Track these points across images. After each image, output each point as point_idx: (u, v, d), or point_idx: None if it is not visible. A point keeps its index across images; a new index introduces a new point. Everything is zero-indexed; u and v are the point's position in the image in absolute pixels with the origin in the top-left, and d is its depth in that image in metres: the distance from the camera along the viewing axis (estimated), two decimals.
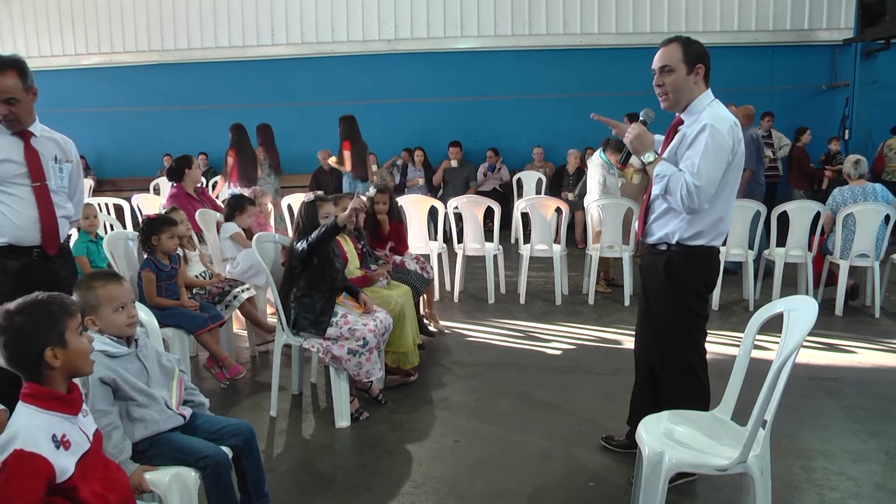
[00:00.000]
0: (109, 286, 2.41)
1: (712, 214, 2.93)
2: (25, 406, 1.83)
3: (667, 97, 2.97)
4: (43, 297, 1.89)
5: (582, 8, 11.16)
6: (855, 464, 3.35)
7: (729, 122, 2.86)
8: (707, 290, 3.13)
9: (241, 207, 5.40)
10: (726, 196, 2.95)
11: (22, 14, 12.64)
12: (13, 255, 3.12)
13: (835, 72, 10.88)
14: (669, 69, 2.92)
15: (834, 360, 4.89)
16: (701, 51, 2.93)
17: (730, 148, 2.84)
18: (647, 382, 3.29)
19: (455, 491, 3.15)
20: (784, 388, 2.29)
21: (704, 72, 2.93)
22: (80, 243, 4.87)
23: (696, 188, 2.79)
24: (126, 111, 12.22)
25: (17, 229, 3.10)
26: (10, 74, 2.99)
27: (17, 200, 3.09)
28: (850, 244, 6.01)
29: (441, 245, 6.97)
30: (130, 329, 2.44)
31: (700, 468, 2.44)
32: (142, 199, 8.06)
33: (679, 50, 2.90)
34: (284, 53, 11.90)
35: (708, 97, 2.96)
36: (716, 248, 3.02)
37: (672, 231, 3.00)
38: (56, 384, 1.88)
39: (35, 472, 1.74)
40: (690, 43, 2.92)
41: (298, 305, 3.87)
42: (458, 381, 4.55)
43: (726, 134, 2.82)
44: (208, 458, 2.38)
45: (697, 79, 2.93)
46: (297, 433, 3.85)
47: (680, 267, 3.01)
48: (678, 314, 3.06)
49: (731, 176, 2.93)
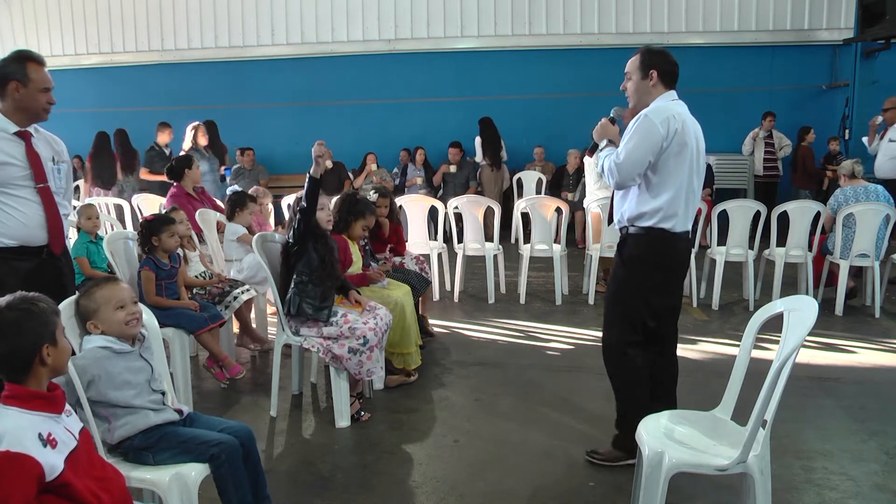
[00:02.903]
0: (106, 287, 2.45)
1: (655, 198, 3.17)
2: (8, 408, 1.83)
3: (630, 99, 3.34)
4: (34, 296, 1.90)
5: (582, 8, 11.16)
6: (855, 464, 3.35)
7: (665, 114, 3.12)
8: (666, 274, 3.28)
9: (242, 204, 5.34)
10: (672, 183, 3.15)
11: (22, 14, 12.64)
12: (23, 257, 3.14)
13: (835, 72, 10.88)
14: (628, 76, 3.31)
15: (834, 360, 4.89)
16: (656, 59, 3.24)
17: (661, 135, 3.09)
18: None
19: (455, 491, 3.15)
20: (784, 387, 2.30)
21: (659, 75, 3.22)
22: (80, 244, 4.87)
23: (616, 165, 3.15)
24: (126, 111, 12.20)
25: (26, 230, 3.12)
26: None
27: (24, 202, 3.11)
28: (851, 244, 6.02)
29: (441, 245, 6.97)
30: (132, 328, 2.45)
31: (700, 468, 2.44)
32: (142, 199, 8.05)
33: (638, 59, 3.27)
34: (284, 53, 11.88)
35: (668, 97, 3.23)
36: (670, 232, 3.19)
37: (623, 213, 3.31)
38: (41, 383, 1.89)
39: (24, 472, 1.74)
40: (648, 52, 3.27)
41: (300, 292, 3.84)
42: (458, 381, 4.55)
43: (658, 123, 3.09)
44: (221, 446, 2.38)
45: (653, 82, 3.23)
46: (298, 433, 3.85)
47: (632, 247, 3.29)
48: (621, 291, 3.33)
49: (672, 164, 3.14)
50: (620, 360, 3.34)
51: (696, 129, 3.23)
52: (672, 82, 3.27)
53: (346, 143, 11.03)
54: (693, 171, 3.23)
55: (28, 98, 3.06)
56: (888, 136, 7.44)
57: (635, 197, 3.23)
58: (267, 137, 11.72)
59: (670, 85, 3.26)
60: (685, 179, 3.19)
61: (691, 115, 3.22)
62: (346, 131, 11.53)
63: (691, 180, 3.23)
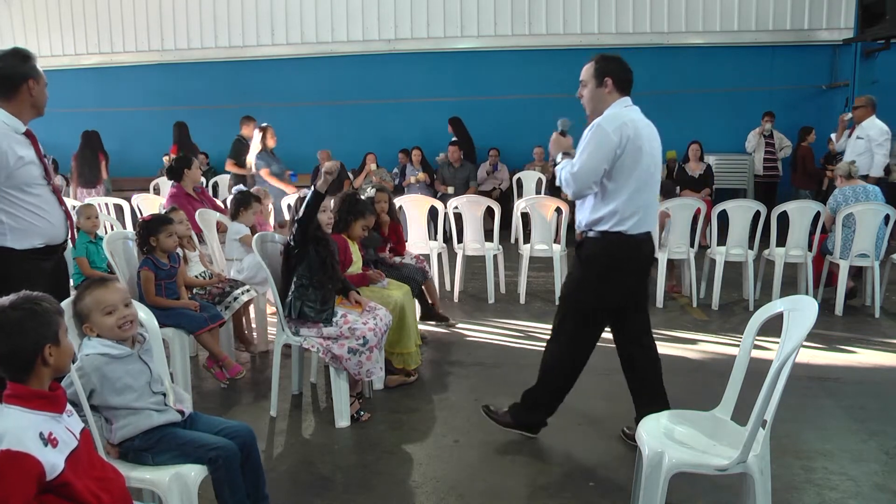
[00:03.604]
0: (96, 291, 2.41)
1: (611, 203, 3.26)
2: (9, 407, 1.83)
3: (585, 106, 3.43)
4: (37, 295, 1.90)
5: (582, 8, 11.16)
6: (855, 464, 3.35)
7: (618, 122, 3.20)
8: (622, 274, 3.39)
9: (246, 204, 5.32)
10: (628, 187, 3.24)
11: (22, 14, 12.63)
12: (48, 255, 3.18)
13: (835, 72, 10.88)
14: (584, 83, 3.40)
15: (834, 360, 4.89)
16: (611, 66, 3.32)
17: (614, 143, 3.17)
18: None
19: (455, 491, 3.15)
20: (784, 387, 2.30)
21: (614, 82, 3.30)
22: (80, 244, 4.86)
23: (572, 175, 3.24)
24: (126, 111, 12.21)
25: (53, 229, 3.18)
26: None
27: (45, 201, 3.15)
28: (850, 244, 6.01)
29: (441, 245, 6.97)
30: (125, 331, 2.42)
31: (700, 468, 2.44)
32: (142, 199, 8.05)
33: (592, 67, 3.36)
34: (284, 53, 11.88)
35: (622, 103, 3.32)
36: (626, 234, 3.28)
37: (582, 218, 3.42)
38: (43, 383, 1.88)
39: (24, 471, 1.74)
40: (603, 60, 3.35)
41: (301, 295, 3.83)
42: (458, 381, 4.55)
43: (611, 131, 3.17)
44: (219, 450, 2.38)
45: (608, 90, 3.31)
46: (297, 433, 3.85)
47: (589, 247, 3.41)
48: (574, 289, 3.47)
49: (627, 170, 3.22)
50: (562, 351, 3.53)
51: (650, 133, 3.33)
52: (627, 89, 3.36)
53: (346, 143, 11.05)
54: (649, 174, 3.31)
55: (40, 94, 3.13)
56: (856, 133, 7.47)
57: (591, 203, 3.34)
58: None
59: (625, 91, 3.35)
60: (641, 183, 3.27)
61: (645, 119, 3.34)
62: (346, 131, 11.55)
63: (647, 183, 3.31)
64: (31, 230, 3.10)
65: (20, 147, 3.05)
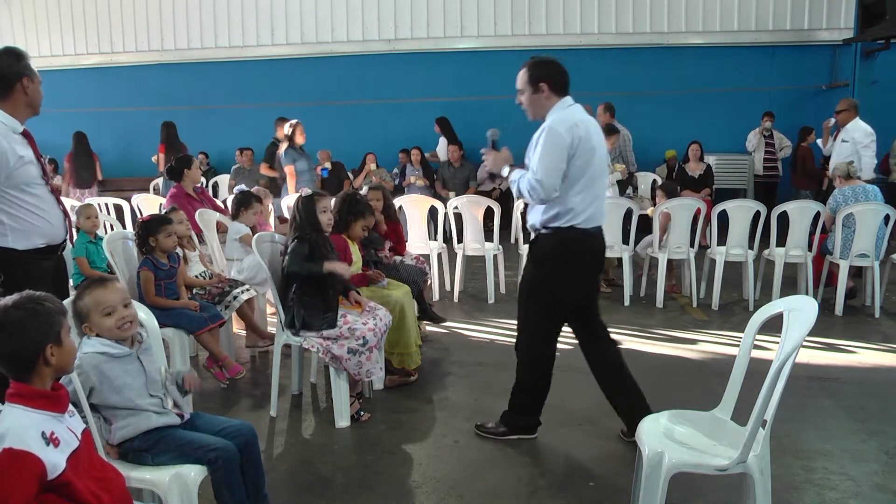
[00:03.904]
0: (95, 292, 2.41)
1: (565, 201, 3.32)
2: (13, 406, 1.83)
3: (527, 112, 3.50)
4: (40, 295, 1.90)
5: (582, 8, 11.15)
6: (855, 464, 3.35)
7: (569, 122, 3.27)
8: (576, 270, 3.45)
9: (247, 203, 5.31)
10: (581, 184, 3.32)
11: (22, 14, 12.63)
12: (48, 255, 3.19)
13: (835, 72, 10.88)
14: (520, 91, 3.45)
15: (834, 360, 4.89)
16: (544, 71, 3.37)
17: (567, 143, 3.24)
18: None
19: (455, 491, 3.15)
20: (784, 387, 2.30)
21: (550, 86, 3.35)
22: (80, 244, 4.86)
23: (538, 182, 3.25)
24: (126, 111, 12.21)
25: (53, 229, 3.18)
26: None
27: (44, 201, 3.16)
28: (850, 244, 6.01)
29: (441, 245, 6.97)
30: (124, 331, 2.42)
31: (700, 468, 2.44)
32: (142, 199, 8.05)
33: (525, 74, 3.40)
34: (284, 53, 11.88)
35: (563, 104, 3.39)
36: (580, 228, 3.36)
37: (536, 218, 3.45)
38: (45, 382, 1.89)
39: (26, 470, 1.74)
40: (535, 65, 3.39)
41: (303, 306, 3.81)
42: (458, 381, 4.55)
43: (563, 132, 3.24)
44: (218, 451, 2.39)
45: (546, 94, 3.37)
46: (297, 433, 3.85)
47: (542, 244, 3.47)
48: (532, 288, 3.52)
49: (578, 167, 3.30)
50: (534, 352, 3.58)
51: (597, 130, 3.43)
52: (565, 90, 3.41)
53: (346, 143, 11.04)
54: (601, 170, 3.46)
55: (35, 92, 3.13)
56: (840, 136, 7.53)
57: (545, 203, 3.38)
58: (267, 137, 11.69)
59: (564, 92, 3.40)
60: (593, 180, 3.36)
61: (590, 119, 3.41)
62: (346, 131, 11.53)
63: (599, 179, 3.43)
64: (32, 230, 3.10)
65: (19, 147, 3.06)
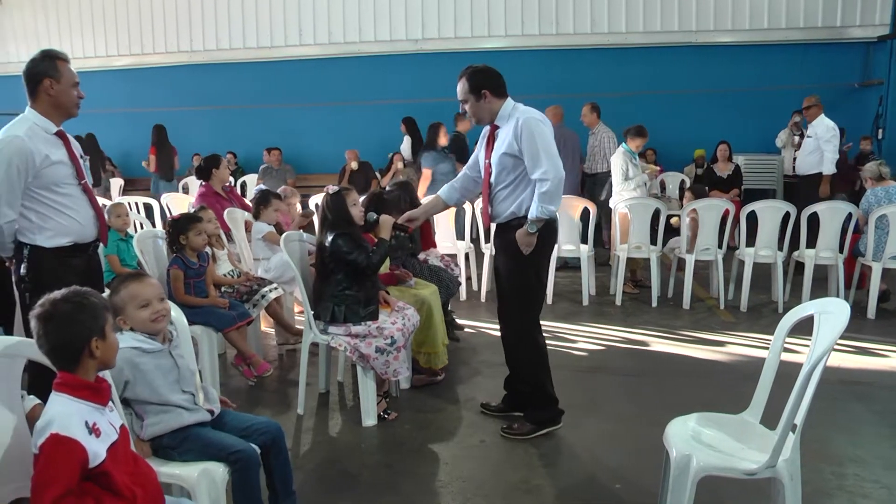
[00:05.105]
0: (131, 286, 2.48)
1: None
2: (59, 395, 1.89)
3: (472, 119, 3.66)
4: (86, 290, 1.96)
5: (609, 6, 11.09)
6: (888, 471, 3.29)
7: (537, 114, 3.48)
8: (546, 256, 3.69)
9: (265, 202, 5.38)
10: None
11: (57, 17, 12.90)
12: (77, 253, 3.26)
13: (868, 70, 10.70)
14: (463, 101, 3.60)
15: (866, 364, 4.81)
16: (481, 78, 3.53)
17: (551, 128, 3.47)
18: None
19: (481, 490, 3.15)
20: (814, 391, 2.26)
21: (492, 93, 3.52)
22: (111, 242, 4.94)
23: (550, 182, 3.37)
24: (156, 111, 12.38)
25: (81, 228, 3.25)
26: None
27: (75, 200, 3.23)
28: (884, 246, 5.91)
29: (468, 245, 6.97)
30: (157, 325, 2.48)
31: (728, 472, 2.41)
32: (171, 198, 8.16)
33: (466, 84, 3.55)
34: (312, 53, 11.97)
35: (509, 104, 3.56)
36: (555, 217, 3.56)
37: (520, 205, 3.52)
38: (89, 375, 1.94)
39: (71, 455, 1.80)
40: (472, 76, 3.54)
41: (343, 300, 3.81)
42: (484, 381, 4.54)
43: (541, 120, 3.45)
44: (239, 453, 2.41)
45: (489, 99, 3.53)
46: (324, 431, 3.88)
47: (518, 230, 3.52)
48: (523, 279, 3.59)
49: None
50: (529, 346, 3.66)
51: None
52: (504, 92, 3.58)
53: (374, 143, 11.10)
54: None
55: (62, 93, 3.16)
56: (807, 132, 7.61)
57: (518, 195, 3.52)
58: (295, 137, 11.82)
59: (504, 95, 3.58)
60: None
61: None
62: (373, 131, 11.57)
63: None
64: (59, 229, 3.17)
65: (49, 147, 3.11)
